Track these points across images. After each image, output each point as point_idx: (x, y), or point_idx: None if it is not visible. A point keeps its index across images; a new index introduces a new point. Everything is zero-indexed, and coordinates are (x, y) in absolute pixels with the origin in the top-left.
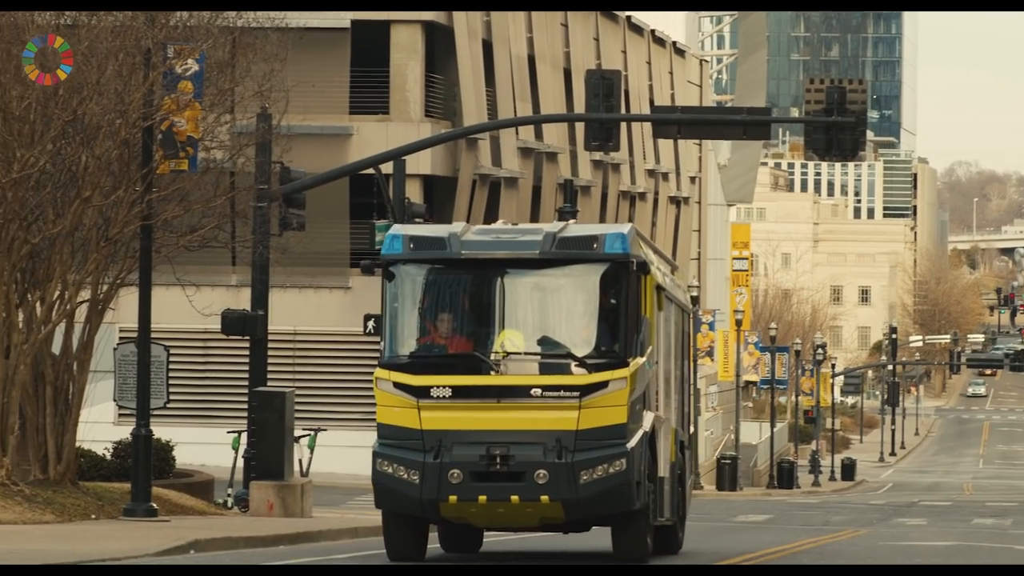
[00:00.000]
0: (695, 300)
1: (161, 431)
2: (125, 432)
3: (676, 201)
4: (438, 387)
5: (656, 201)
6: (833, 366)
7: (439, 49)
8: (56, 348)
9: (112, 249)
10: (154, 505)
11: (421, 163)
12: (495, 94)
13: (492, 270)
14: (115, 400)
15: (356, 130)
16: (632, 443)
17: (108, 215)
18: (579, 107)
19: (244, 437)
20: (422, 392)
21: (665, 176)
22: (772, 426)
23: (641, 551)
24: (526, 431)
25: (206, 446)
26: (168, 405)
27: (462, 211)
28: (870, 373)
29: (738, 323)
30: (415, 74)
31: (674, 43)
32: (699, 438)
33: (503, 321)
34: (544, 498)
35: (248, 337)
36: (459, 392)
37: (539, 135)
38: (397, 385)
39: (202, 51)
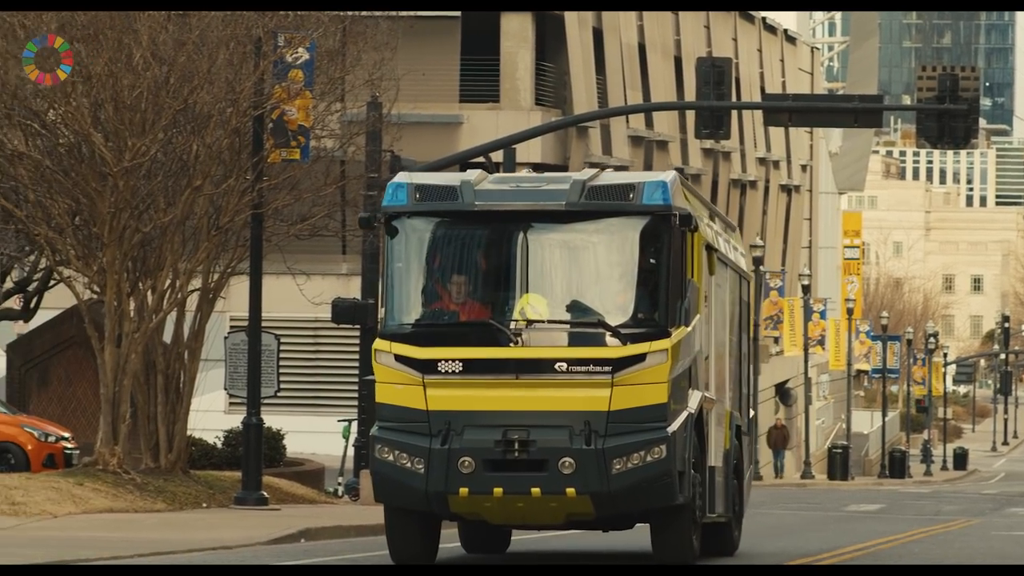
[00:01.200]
0: (806, 289)
1: (272, 420)
2: (236, 421)
3: (787, 189)
4: (447, 360)
5: (767, 189)
6: (945, 355)
7: (550, 37)
8: (167, 337)
9: (223, 238)
10: (265, 494)
11: (531, 151)
12: (605, 82)
13: (511, 225)
14: (226, 389)
15: (466, 118)
16: (674, 426)
17: (219, 204)
18: (690, 95)
19: (355, 426)
20: (428, 366)
21: (776, 164)
22: (884, 415)
23: (685, 552)
24: (549, 412)
25: (316, 435)
26: (279, 394)
27: None
28: (982, 362)
29: (849, 312)
30: (525, 62)
31: (785, 31)
32: (810, 427)
33: (524, 284)
34: (570, 491)
35: (358, 326)
36: (471, 366)
37: (650, 123)
38: (399, 358)
39: (312, 40)
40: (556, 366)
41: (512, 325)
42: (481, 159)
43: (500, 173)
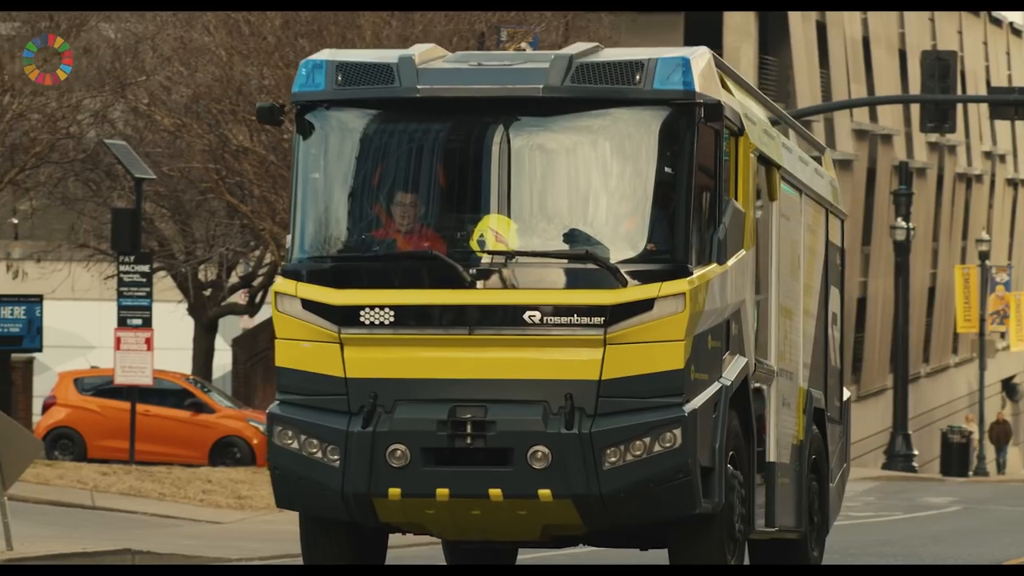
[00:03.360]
0: None
1: None
2: None
3: (1014, 183)
4: (373, 307)
5: (993, 183)
6: None
7: (772, 31)
8: None
9: None
10: None
11: None
12: (829, 75)
13: (467, 118)
14: None
15: None
16: (696, 403)
17: None
18: (914, 88)
19: None
20: (347, 316)
21: (1002, 158)
22: None
23: None
24: (516, 382)
25: None
26: None
27: None
28: None
29: None
30: (748, 56)
31: (1011, 24)
32: None
33: (484, 201)
34: (544, 493)
35: None
36: (407, 316)
37: (874, 117)
38: (308, 305)
39: (535, 34)
40: (526, 316)
41: (466, 258)
42: None
43: (463, 52)
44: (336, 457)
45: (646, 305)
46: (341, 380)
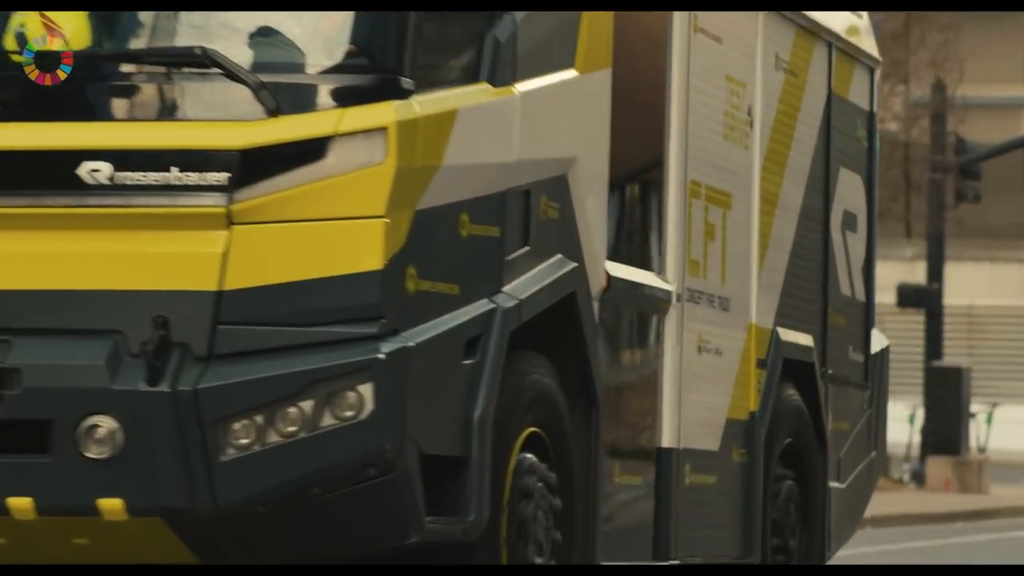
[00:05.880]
0: None
1: None
2: None
3: None
4: None
5: None
6: None
7: None
8: None
9: None
10: None
11: None
12: None
13: None
14: None
15: None
16: (416, 336)
17: None
18: None
19: (920, 412)
20: None
21: None
22: None
23: None
24: (63, 296)
25: None
26: None
27: None
28: None
29: None
30: None
31: None
32: None
33: None
34: (110, 505)
35: (923, 310)
36: None
37: None
38: None
39: (879, 21)
40: (86, 172)
41: None
42: None
43: None
44: None
45: (311, 149)
46: None
